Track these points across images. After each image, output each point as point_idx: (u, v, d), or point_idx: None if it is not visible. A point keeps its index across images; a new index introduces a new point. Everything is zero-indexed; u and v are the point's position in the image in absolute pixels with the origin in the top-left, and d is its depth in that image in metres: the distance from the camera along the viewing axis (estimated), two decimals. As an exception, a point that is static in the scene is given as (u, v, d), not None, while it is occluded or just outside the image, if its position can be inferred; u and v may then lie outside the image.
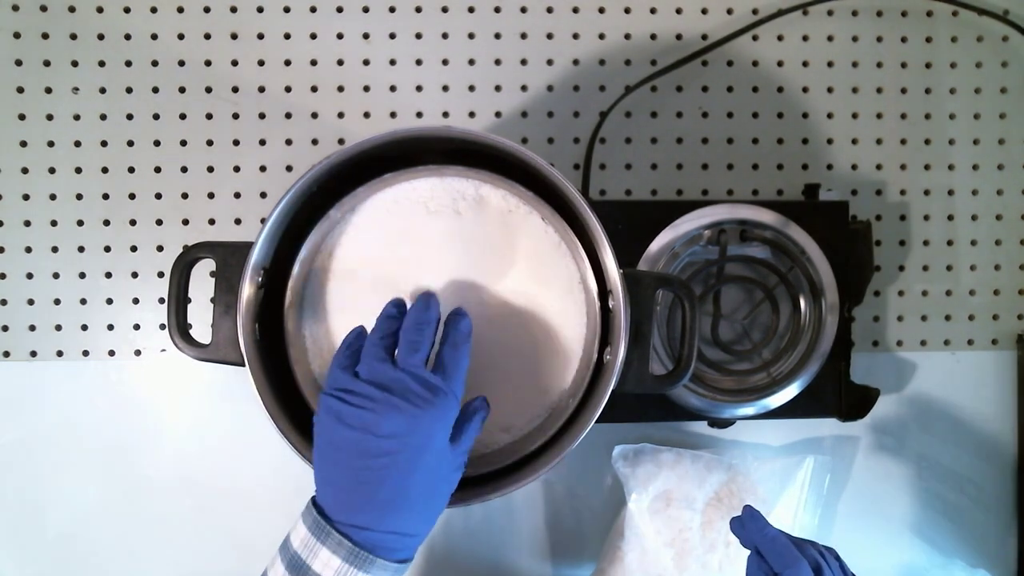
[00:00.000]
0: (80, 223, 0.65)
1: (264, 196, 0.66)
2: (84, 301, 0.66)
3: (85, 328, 0.66)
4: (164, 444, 0.66)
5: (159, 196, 0.66)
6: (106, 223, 0.66)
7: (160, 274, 0.66)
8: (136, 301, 0.66)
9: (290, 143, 0.67)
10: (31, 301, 0.65)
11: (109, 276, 0.66)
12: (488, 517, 0.67)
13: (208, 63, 0.66)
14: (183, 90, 0.66)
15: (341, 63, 0.67)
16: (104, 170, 0.66)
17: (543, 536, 0.68)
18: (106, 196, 0.66)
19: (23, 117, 0.65)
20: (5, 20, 0.65)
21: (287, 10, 0.66)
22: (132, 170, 0.66)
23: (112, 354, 0.66)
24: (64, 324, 0.66)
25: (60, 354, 0.66)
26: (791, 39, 0.69)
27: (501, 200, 0.49)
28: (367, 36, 0.67)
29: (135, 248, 0.66)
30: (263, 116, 0.66)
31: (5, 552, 0.65)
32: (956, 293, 0.70)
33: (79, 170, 0.65)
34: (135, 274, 0.66)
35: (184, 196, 0.66)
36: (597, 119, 0.67)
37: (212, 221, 0.66)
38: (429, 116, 0.67)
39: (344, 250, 0.50)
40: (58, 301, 0.66)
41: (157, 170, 0.66)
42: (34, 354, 0.66)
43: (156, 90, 0.66)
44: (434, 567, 0.67)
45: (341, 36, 0.67)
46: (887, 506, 0.69)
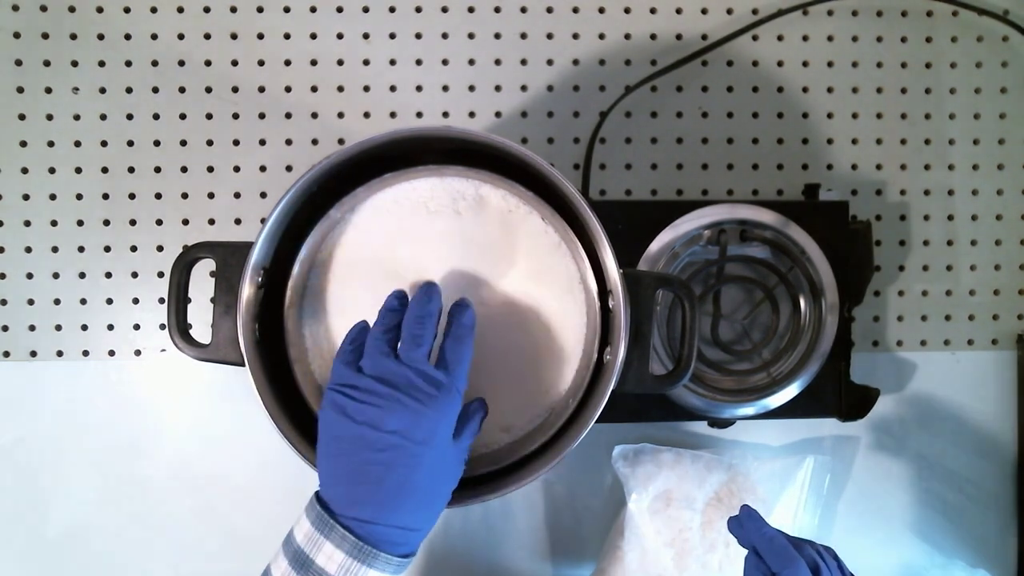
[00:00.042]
0: (80, 223, 0.66)
1: (264, 196, 0.66)
2: (84, 301, 0.66)
3: (85, 328, 0.66)
4: (164, 444, 0.66)
5: (159, 196, 0.66)
6: (106, 223, 0.66)
7: (160, 274, 0.66)
8: (136, 301, 0.66)
9: (290, 143, 0.67)
10: (31, 301, 0.65)
11: (109, 276, 0.66)
12: (488, 517, 0.67)
13: (208, 63, 0.66)
14: (183, 90, 0.66)
15: (341, 63, 0.67)
16: (104, 170, 0.66)
17: (543, 536, 0.67)
18: (106, 196, 0.66)
19: (23, 117, 0.65)
20: (5, 20, 0.65)
21: (287, 10, 0.66)
22: (132, 170, 0.66)
23: (112, 354, 0.66)
24: (64, 324, 0.66)
25: (60, 354, 0.66)
26: (791, 39, 0.69)
27: (501, 200, 0.49)
28: (367, 36, 0.67)
29: (135, 248, 0.66)
30: (263, 116, 0.66)
31: (5, 552, 0.65)
32: (956, 293, 0.70)
33: (79, 170, 0.65)
34: (135, 274, 0.66)
35: (184, 196, 0.66)
36: (597, 119, 0.67)
37: (212, 221, 0.66)
38: (429, 116, 0.67)
39: (344, 250, 0.50)
40: (58, 301, 0.66)
41: (157, 170, 0.66)
42: (34, 354, 0.66)
43: (156, 90, 0.66)
44: (434, 567, 0.67)
45: (341, 36, 0.67)
46: (887, 506, 0.69)
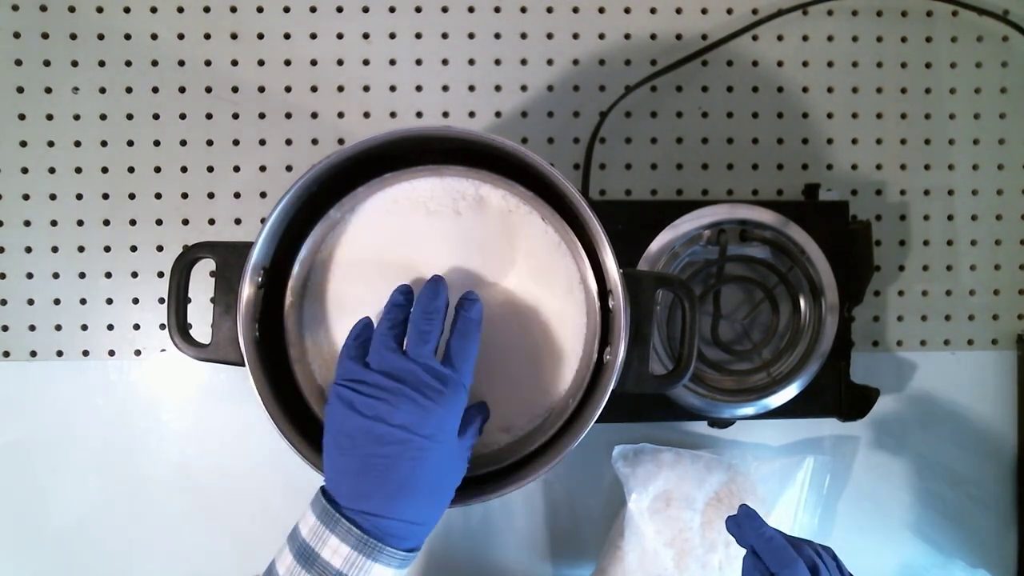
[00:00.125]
0: (80, 223, 0.65)
1: (264, 196, 0.66)
2: (84, 301, 0.66)
3: (85, 328, 0.66)
4: (164, 444, 0.66)
5: (159, 196, 0.66)
6: (106, 223, 0.66)
7: (160, 274, 0.66)
8: (136, 301, 0.66)
9: (290, 143, 0.67)
10: (31, 301, 0.65)
11: (109, 276, 0.66)
12: (488, 517, 0.67)
13: (208, 63, 0.66)
14: (183, 90, 0.66)
15: (341, 63, 0.67)
16: (104, 170, 0.66)
17: (543, 536, 0.67)
18: (106, 196, 0.66)
19: (23, 117, 0.65)
20: (5, 20, 0.65)
21: (287, 10, 0.66)
22: (132, 170, 0.66)
23: (112, 354, 0.66)
24: (64, 324, 0.66)
25: (60, 354, 0.66)
26: (791, 39, 0.69)
27: (501, 200, 0.49)
28: (367, 36, 0.67)
29: (135, 248, 0.66)
30: (263, 116, 0.66)
31: (5, 552, 0.65)
32: (956, 293, 0.70)
33: (79, 170, 0.65)
34: (135, 274, 0.66)
35: (184, 196, 0.66)
36: (597, 119, 0.67)
37: (212, 221, 0.66)
38: (429, 116, 0.67)
39: (344, 250, 0.50)
40: (58, 301, 0.66)
41: (157, 170, 0.66)
42: (34, 354, 0.66)
43: (156, 90, 0.66)
44: (434, 567, 0.67)
45: (341, 36, 0.67)
46: (887, 506, 0.69)
